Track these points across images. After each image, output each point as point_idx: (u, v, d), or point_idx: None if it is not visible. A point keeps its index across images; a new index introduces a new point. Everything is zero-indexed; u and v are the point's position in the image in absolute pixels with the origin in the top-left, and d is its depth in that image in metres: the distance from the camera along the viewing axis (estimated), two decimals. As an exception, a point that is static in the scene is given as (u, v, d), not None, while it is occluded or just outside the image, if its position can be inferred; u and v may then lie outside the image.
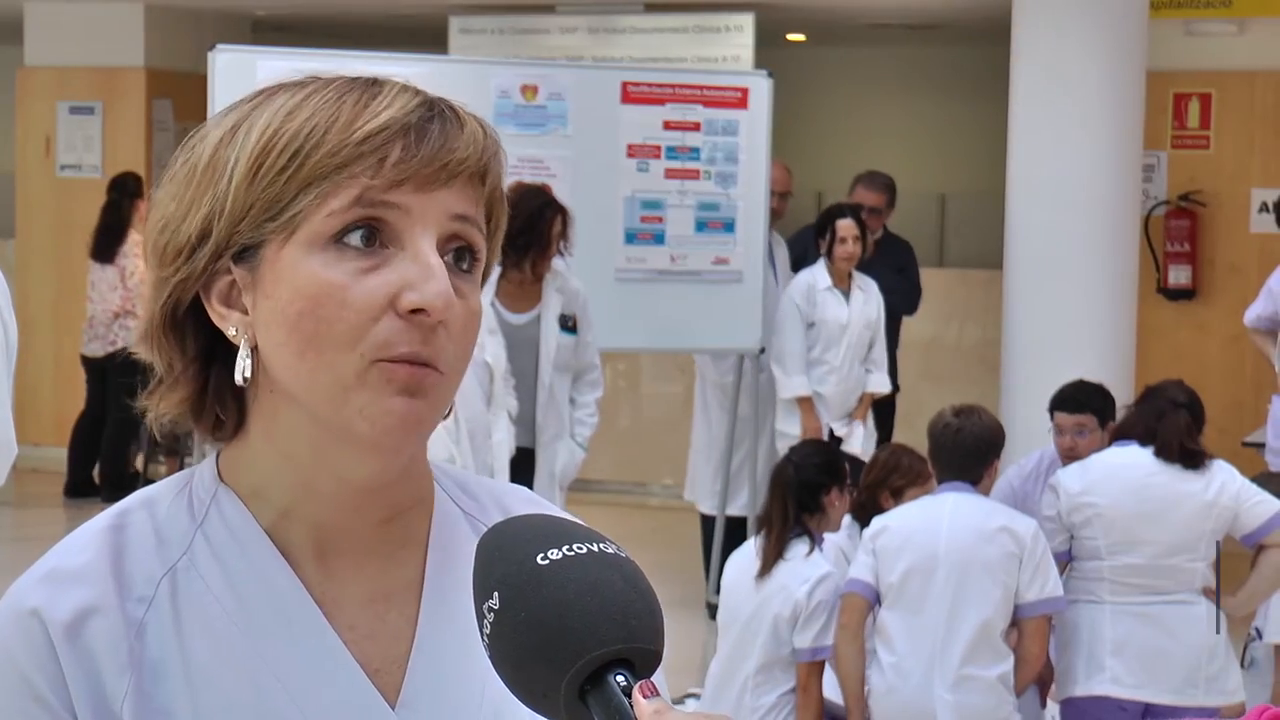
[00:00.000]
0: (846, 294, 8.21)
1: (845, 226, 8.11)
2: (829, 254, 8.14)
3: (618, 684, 1.17)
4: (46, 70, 11.54)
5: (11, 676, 1.30)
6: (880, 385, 8.34)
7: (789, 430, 8.12)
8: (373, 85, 1.33)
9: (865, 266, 8.44)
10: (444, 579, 1.41)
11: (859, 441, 8.14)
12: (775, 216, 8.77)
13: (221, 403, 1.38)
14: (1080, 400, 6.14)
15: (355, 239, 1.29)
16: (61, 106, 11.54)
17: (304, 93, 1.32)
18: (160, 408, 1.38)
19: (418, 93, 1.34)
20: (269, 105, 1.32)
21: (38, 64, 11.59)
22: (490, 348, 6.55)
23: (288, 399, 1.33)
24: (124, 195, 10.12)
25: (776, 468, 5.67)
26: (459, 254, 1.33)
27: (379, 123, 1.29)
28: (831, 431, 8.13)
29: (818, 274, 8.20)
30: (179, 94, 11.40)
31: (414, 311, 1.28)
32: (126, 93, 11.43)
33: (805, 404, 8.15)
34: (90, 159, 11.48)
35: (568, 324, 6.82)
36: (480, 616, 1.22)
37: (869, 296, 8.27)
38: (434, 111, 1.32)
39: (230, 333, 1.33)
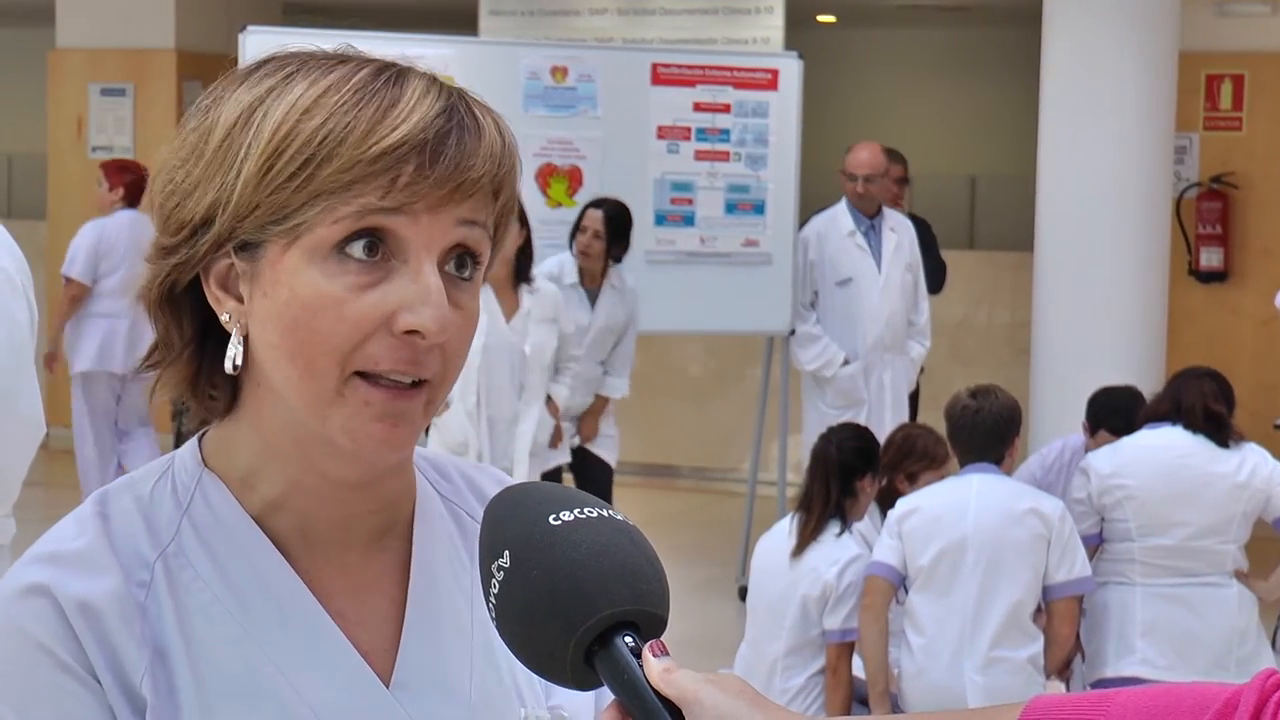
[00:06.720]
0: (593, 294, 7.44)
1: (592, 217, 7.36)
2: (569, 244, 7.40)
3: (626, 645, 1.18)
4: (78, 52, 11.57)
5: (30, 651, 1.28)
6: (615, 390, 7.53)
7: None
8: (395, 85, 1.30)
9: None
10: (428, 563, 1.42)
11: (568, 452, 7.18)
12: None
13: (214, 382, 1.37)
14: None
15: (358, 249, 1.28)
16: (93, 88, 11.57)
17: (324, 85, 1.29)
18: (159, 387, 1.39)
19: (440, 91, 1.31)
20: (287, 94, 1.29)
21: (69, 46, 11.62)
22: (535, 336, 6.50)
23: (275, 396, 1.33)
24: None
25: (817, 449, 5.61)
26: (460, 261, 1.32)
27: (394, 139, 1.27)
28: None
29: (566, 267, 7.38)
30: (210, 76, 11.08)
31: (408, 332, 1.28)
32: (157, 74, 11.45)
33: (550, 406, 6.87)
34: (121, 141, 11.50)
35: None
36: (488, 577, 1.23)
37: (622, 297, 7.48)
38: (453, 121, 1.30)
39: (224, 318, 1.33)
